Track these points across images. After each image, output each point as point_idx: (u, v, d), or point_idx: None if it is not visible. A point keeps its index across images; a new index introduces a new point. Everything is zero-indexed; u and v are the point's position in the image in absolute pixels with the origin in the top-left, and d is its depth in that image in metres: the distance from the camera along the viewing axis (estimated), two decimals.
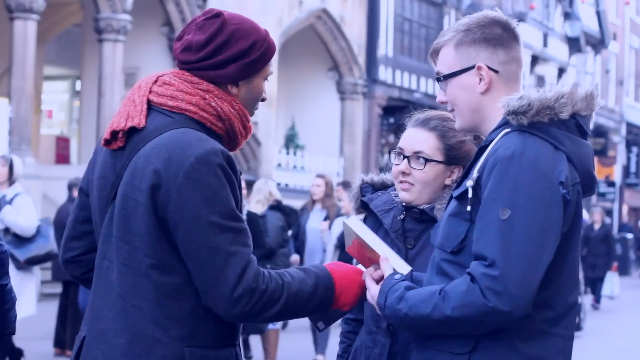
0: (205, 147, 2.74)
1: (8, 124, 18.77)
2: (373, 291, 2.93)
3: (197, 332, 2.79)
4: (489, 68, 2.89)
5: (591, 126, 2.90)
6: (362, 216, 3.71)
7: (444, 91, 2.98)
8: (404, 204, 3.51)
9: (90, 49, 22.65)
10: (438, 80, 2.98)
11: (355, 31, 27.43)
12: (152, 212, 2.74)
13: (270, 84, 22.47)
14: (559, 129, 2.79)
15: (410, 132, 3.50)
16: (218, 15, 2.91)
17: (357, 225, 3.10)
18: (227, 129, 2.90)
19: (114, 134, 2.87)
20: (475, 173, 2.79)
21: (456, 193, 2.85)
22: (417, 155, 3.44)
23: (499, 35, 2.92)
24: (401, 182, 3.48)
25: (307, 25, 26.19)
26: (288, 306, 2.83)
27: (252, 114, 3.00)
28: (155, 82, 2.91)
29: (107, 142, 2.89)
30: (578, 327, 18.48)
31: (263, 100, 3.02)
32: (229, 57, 2.88)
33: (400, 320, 2.81)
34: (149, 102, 2.87)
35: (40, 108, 26.33)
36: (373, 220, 3.63)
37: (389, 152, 3.59)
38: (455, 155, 3.46)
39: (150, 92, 2.88)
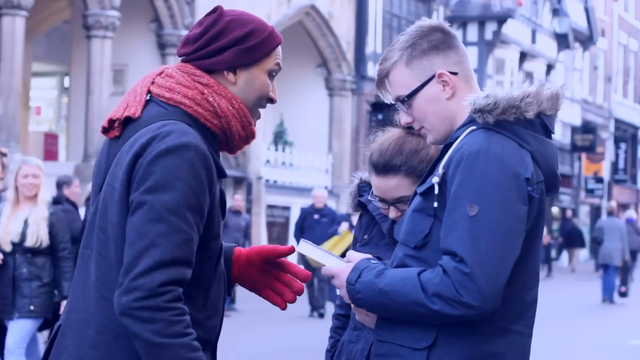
0: (181, 139, 2.65)
1: None
2: (342, 268, 2.90)
3: None
4: (449, 72, 2.91)
5: (556, 125, 2.93)
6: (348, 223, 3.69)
7: (407, 112, 2.96)
8: None
9: (78, 46, 22.62)
10: (402, 102, 2.95)
11: (343, 28, 27.45)
12: (125, 198, 2.67)
13: None
14: (525, 128, 2.81)
15: (380, 183, 3.39)
16: (216, 9, 2.87)
17: (309, 249, 3.07)
18: (223, 127, 2.82)
19: (111, 122, 2.83)
20: (440, 169, 2.79)
21: (421, 189, 2.85)
22: (400, 200, 3.38)
23: (442, 39, 2.94)
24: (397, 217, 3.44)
25: (295, 21, 26.20)
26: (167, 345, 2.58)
27: (257, 116, 2.92)
28: (160, 74, 2.87)
29: (105, 130, 2.85)
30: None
31: (272, 101, 2.94)
32: (225, 44, 2.81)
33: (373, 295, 2.79)
34: (149, 93, 2.83)
35: (28, 104, 26.27)
36: (369, 218, 3.63)
37: (370, 200, 3.51)
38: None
39: (152, 83, 2.84)
